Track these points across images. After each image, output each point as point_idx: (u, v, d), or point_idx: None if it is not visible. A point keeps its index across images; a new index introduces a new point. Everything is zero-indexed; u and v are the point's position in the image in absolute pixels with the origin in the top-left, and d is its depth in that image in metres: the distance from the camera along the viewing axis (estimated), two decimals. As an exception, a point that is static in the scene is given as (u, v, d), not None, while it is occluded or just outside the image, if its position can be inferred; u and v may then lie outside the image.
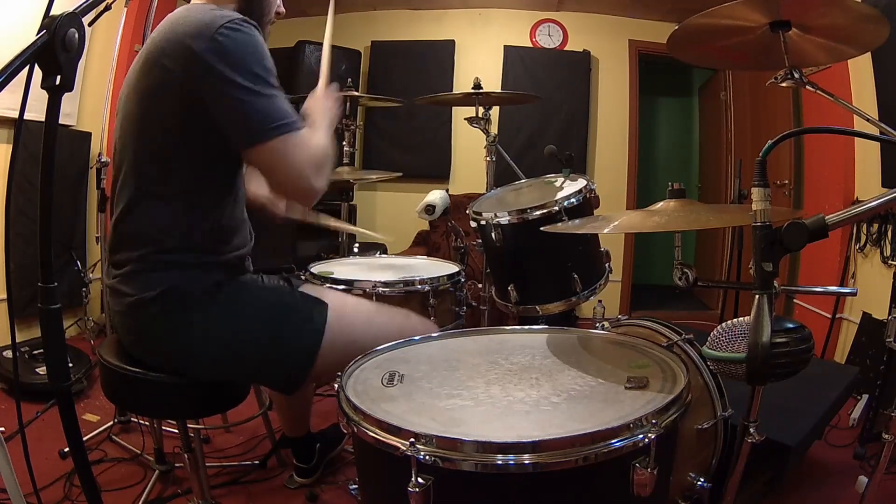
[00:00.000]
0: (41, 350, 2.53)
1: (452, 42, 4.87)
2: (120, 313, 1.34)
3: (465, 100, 2.39)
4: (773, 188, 3.21)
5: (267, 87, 1.23)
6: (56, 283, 0.95)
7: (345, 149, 2.85)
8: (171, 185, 1.29)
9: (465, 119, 2.36)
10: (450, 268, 2.08)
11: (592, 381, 1.09)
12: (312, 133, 1.33)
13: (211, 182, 1.32)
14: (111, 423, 2.28)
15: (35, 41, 0.83)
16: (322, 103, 1.48)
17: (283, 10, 1.48)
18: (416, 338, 1.35)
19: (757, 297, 0.90)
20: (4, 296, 2.88)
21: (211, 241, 1.35)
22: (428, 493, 0.84)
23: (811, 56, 1.48)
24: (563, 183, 1.98)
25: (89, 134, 3.47)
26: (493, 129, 2.35)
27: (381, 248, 3.94)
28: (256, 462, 2.09)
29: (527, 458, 0.83)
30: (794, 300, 3.71)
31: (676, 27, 1.43)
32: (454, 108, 4.66)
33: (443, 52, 4.86)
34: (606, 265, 1.92)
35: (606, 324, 1.46)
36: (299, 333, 1.38)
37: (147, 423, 2.11)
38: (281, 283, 1.50)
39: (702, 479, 1.40)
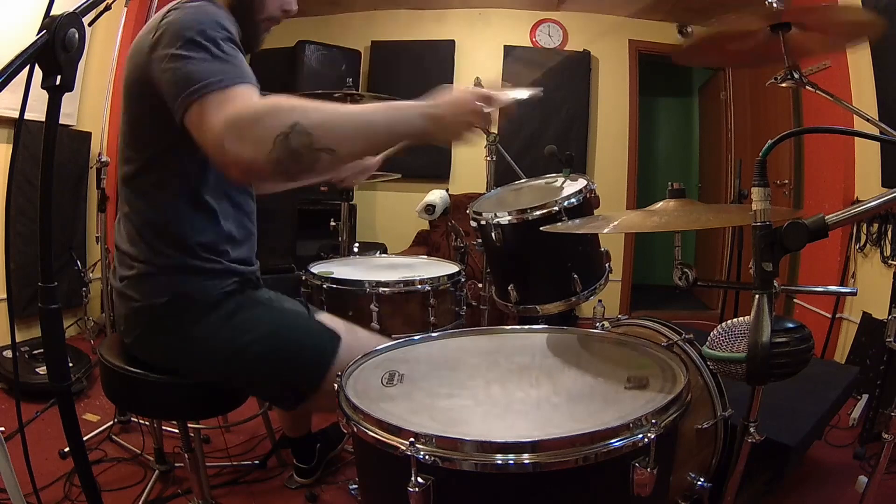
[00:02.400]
0: (41, 350, 2.53)
1: (452, 42, 4.87)
2: (125, 316, 1.34)
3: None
4: (773, 188, 3.21)
5: (196, 50, 1.08)
6: (56, 283, 0.95)
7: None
8: (171, 187, 1.28)
9: (465, 119, 2.36)
10: (450, 268, 2.08)
11: (592, 381, 1.09)
12: (252, 92, 1.09)
13: (209, 184, 1.31)
14: (111, 423, 2.28)
15: (35, 41, 0.83)
16: (462, 99, 1.15)
17: (293, 7, 1.38)
18: (416, 337, 1.35)
19: (757, 297, 0.90)
20: (4, 296, 2.88)
21: (218, 245, 1.33)
22: (428, 493, 0.84)
23: (810, 49, 1.48)
24: (563, 183, 1.97)
25: (89, 134, 3.47)
26: (493, 129, 2.35)
27: (382, 248, 3.94)
28: (256, 462, 2.09)
29: (526, 458, 0.83)
30: (794, 300, 3.71)
31: (681, 41, 1.44)
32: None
33: (443, 52, 4.86)
34: (606, 265, 1.91)
35: (606, 324, 1.46)
36: (308, 359, 1.36)
37: (147, 423, 2.11)
38: (299, 306, 1.49)
39: (702, 479, 1.40)
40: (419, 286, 1.85)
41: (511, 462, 0.83)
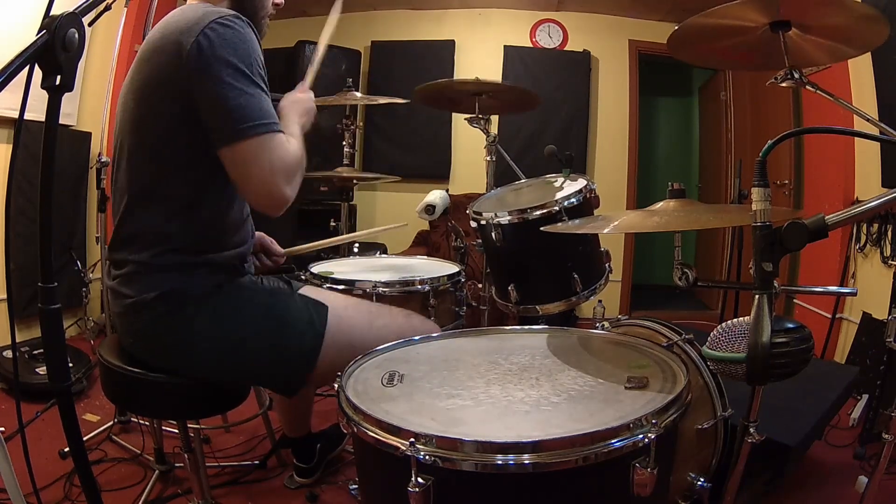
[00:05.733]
0: (41, 350, 2.52)
1: (452, 42, 4.87)
2: (120, 314, 1.34)
3: (466, 101, 2.38)
4: (773, 188, 3.20)
5: (250, 86, 1.20)
6: (56, 283, 0.95)
7: (345, 149, 2.84)
8: (170, 185, 1.29)
9: (465, 119, 2.36)
10: (450, 268, 2.08)
11: (592, 381, 1.09)
12: (288, 138, 1.29)
13: (211, 181, 1.31)
14: (111, 423, 2.28)
15: (35, 41, 0.83)
16: (301, 104, 1.47)
17: (280, 0, 1.45)
18: (416, 338, 1.35)
19: (757, 297, 0.90)
20: (4, 296, 2.88)
21: (211, 241, 1.35)
22: (428, 493, 0.84)
23: (811, 56, 1.48)
24: (563, 183, 1.97)
25: (89, 134, 3.47)
26: (493, 129, 2.35)
27: (381, 248, 3.94)
28: (256, 462, 2.09)
29: (527, 458, 0.83)
30: (794, 300, 3.71)
31: (676, 27, 1.43)
32: (454, 108, 4.66)
33: (443, 52, 4.86)
34: (606, 265, 1.92)
35: (606, 324, 1.46)
36: (299, 336, 1.37)
37: (147, 423, 2.11)
38: (281, 285, 1.50)
39: (702, 479, 1.40)
40: (419, 286, 1.85)
41: (511, 462, 0.83)
